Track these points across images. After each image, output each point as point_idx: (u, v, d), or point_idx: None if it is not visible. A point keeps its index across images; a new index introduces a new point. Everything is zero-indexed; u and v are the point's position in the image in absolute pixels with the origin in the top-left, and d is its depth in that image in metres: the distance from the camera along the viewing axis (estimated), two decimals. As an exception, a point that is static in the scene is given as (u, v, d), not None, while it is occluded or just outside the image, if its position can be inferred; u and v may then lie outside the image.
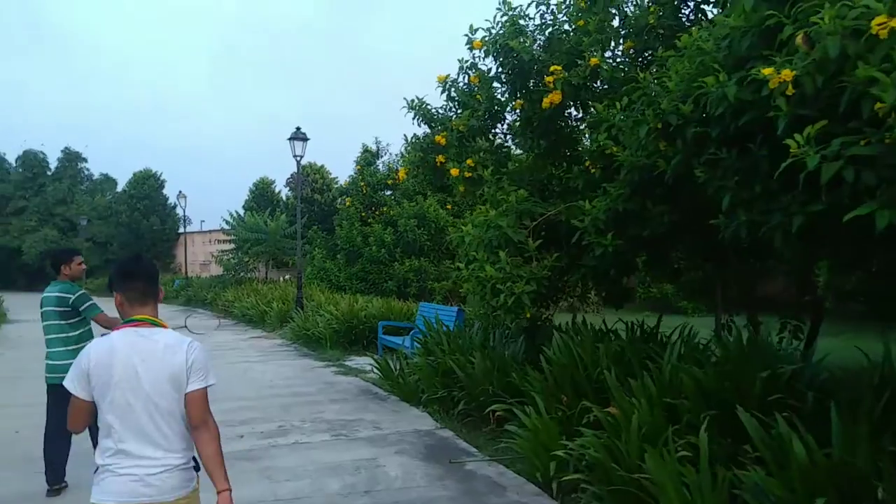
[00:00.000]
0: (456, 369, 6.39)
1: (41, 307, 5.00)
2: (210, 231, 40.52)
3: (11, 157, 48.21)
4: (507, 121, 7.42)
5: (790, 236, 4.02)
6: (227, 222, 27.26)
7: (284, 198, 34.35)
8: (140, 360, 2.32)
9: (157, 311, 2.53)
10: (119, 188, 48.73)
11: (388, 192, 24.88)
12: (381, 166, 25.92)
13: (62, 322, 4.92)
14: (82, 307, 4.94)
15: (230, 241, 27.45)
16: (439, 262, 22.62)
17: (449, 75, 7.42)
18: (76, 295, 4.97)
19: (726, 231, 4.43)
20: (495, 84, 7.07)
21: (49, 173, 48.31)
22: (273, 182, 35.79)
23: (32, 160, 47.50)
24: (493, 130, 7.44)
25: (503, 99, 7.10)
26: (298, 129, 15.81)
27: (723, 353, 4.23)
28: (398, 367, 8.12)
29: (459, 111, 7.46)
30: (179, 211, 45.15)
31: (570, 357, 4.99)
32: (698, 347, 4.76)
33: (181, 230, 43.58)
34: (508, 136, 7.77)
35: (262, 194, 35.11)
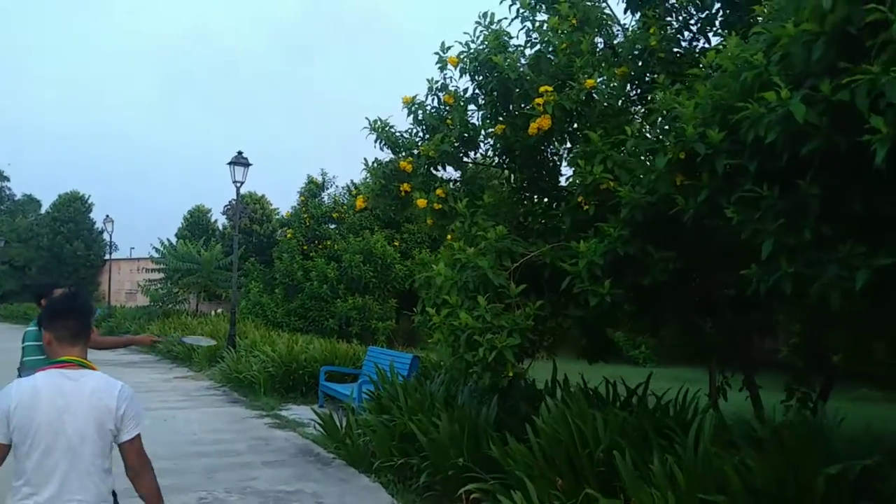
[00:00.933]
0: (417, 433, 5.40)
1: (23, 342, 4.90)
2: (139, 259, 38.25)
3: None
4: (481, 149, 6.61)
5: (852, 294, 3.31)
6: (158, 250, 25.58)
7: (221, 227, 32.77)
8: (64, 403, 2.24)
9: (86, 352, 2.46)
10: (43, 210, 45.99)
11: (333, 226, 23.80)
12: (326, 198, 24.87)
13: (44, 357, 4.31)
14: None
15: (159, 270, 25.74)
16: (385, 301, 21.60)
17: (416, 96, 6.57)
18: None
19: (761, 284, 3.70)
20: (471, 106, 6.28)
21: (-37, 191, 45.23)
22: (209, 210, 34.11)
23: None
24: (465, 158, 6.60)
25: (479, 123, 6.30)
26: (240, 153, 14.71)
27: (771, 435, 3.41)
28: (344, 424, 7.04)
29: (427, 136, 6.63)
30: (106, 236, 42.96)
31: (566, 429, 4.10)
32: (727, 425, 3.93)
33: (107, 256, 41.23)
34: (481, 166, 6.97)
35: (196, 223, 33.37)
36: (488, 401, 5.44)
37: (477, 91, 6.09)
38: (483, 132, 6.26)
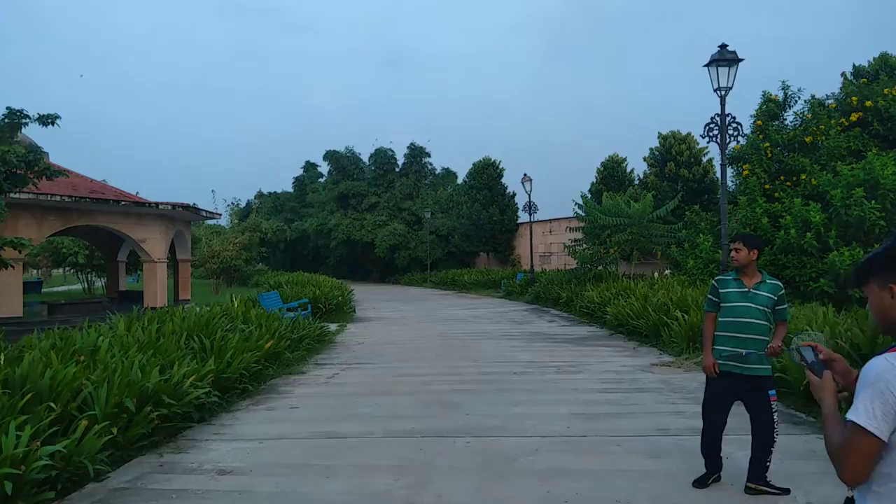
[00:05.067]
0: None
1: None
2: (550, 220, 36.99)
3: (366, 157, 51.14)
4: None
5: None
6: (580, 205, 22.87)
7: (640, 176, 29.01)
8: None
9: None
10: (458, 181, 48.53)
11: (805, 155, 17.84)
12: (790, 119, 18.95)
13: None
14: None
15: (580, 230, 23.10)
16: (903, 252, 15.04)
17: None
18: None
19: None
20: None
21: (397, 170, 50.05)
22: (624, 160, 30.72)
23: (383, 158, 49.60)
24: None
25: None
26: (724, 46, 10.21)
27: None
28: None
29: None
30: (520, 198, 43.13)
31: None
32: None
33: (520, 220, 41.09)
34: None
35: (611, 174, 30.28)
36: None
37: None
38: None
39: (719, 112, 10.55)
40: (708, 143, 10.76)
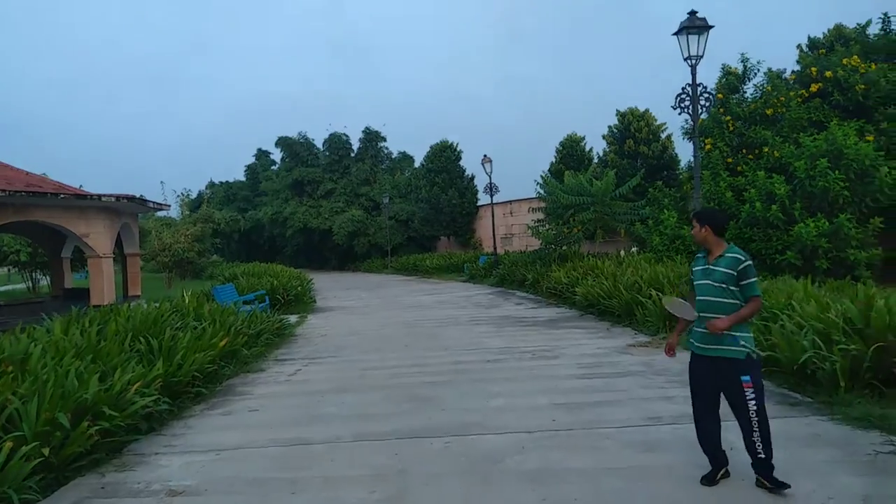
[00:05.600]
0: None
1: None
2: (508, 202, 36.61)
3: (320, 143, 49.93)
4: None
5: None
6: (541, 185, 22.51)
7: (599, 155, 28.80)
8: None
9: None
10: (416, 165, 47.80)
11: (765, 128, 17.73)
12: (750, 92, 18.84)
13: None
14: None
15: (541, 210, 22.77)
16: (865, 222, 15.07)
17: None
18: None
19: None
20: None
21: (352, 155, 49.02)
22: (583, 138, 30.47)
23: (337, 143, 48.49)
24: None
25: None
26: (694, 13, 9.77)
27: None
28: None
29: None
30: (479, 181, 42.58)
31: None
32: None
33: (479, 202, 40.65)
34: None
35: (570, 154, 30.00)
36: None
37: None
38: None
39: (690, 82, 10.16)
40: (680, 113, 10.38)
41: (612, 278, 13.49)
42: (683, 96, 10.19)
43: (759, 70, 19.01)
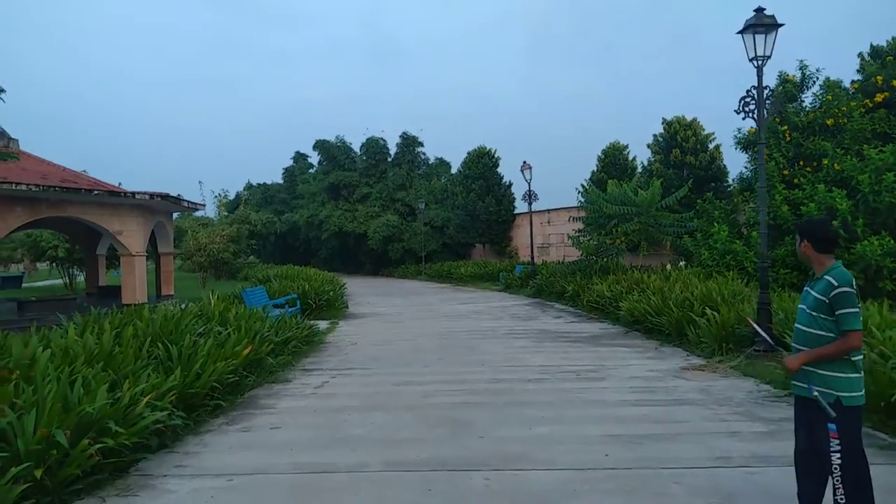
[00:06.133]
0: None
1: None
2: (546, 210, 35.74)
3: (357, 147, 49.71)
4: None
5: None
6: (582, 194, 21.74)
7: (643, 164, 27.83)
8: None
9: None
10: (452, 171, 47.25)
11: (826, 139, 16.70)
12: (808, 101, 17.81)
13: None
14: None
15: (580, 219, 21.98)
16: (935, 241, 13.96)
17: None
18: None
19: None
20: None
21: (389, 160, 48.68)
22: (626, 147, 29.52)
23: (374, 147, 48.17)
24: None
25: None
26: (761, 10, 8.98)
27: None
28: None
29: None
30: (517, 188, 41.77)
31: None
32: None
33: (516, 210, 39.87)
34: None
35: (612, 163, 29.05)
36: None
37: None
38: None
39: (756, 84, 9.34)
40: (744, 118, 9.56)
41: (661, 294, 12.67)
42: (748, 99, 9.37)
43: (817, 78, 17.98)
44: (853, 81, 18.42)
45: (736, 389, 7.61)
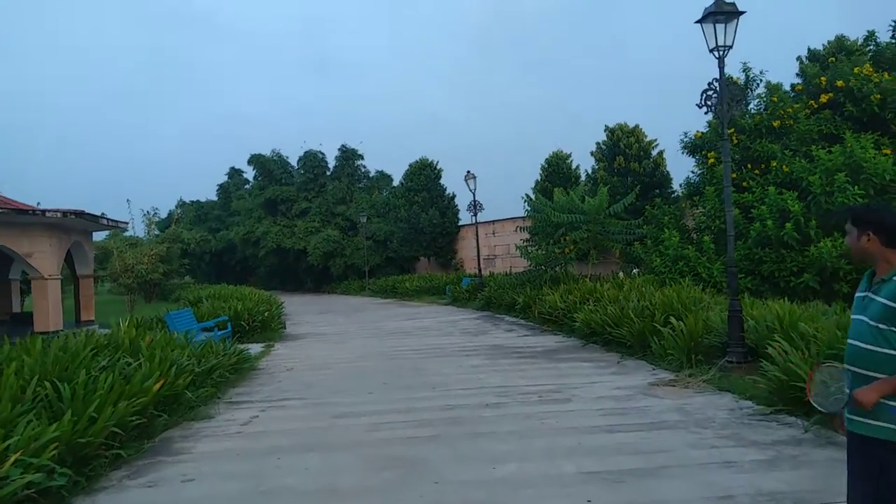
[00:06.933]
0: None
1: None
2: (492, 221, 35.18)
3: (294, 161, 48.27)
4: None
5: None
6: (528, 202, 21.13)
7: (587, 172, 27.54)
8: None
9: None
10: (394, 184, 46.30)
11: (772, 141, 16.51)
12: (753, 104, 17.66)
13: None
14: None
15: (527, 229, 21.40)
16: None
17: None
18: None
19: None
20: None
21: (328, 173, 47.39)
22: (569, 156, 29.23)
23: (313, 161, 46.82)
24: None
25: None
26: (721, -3, 8.42)
27: None
28: None
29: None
30: (461, 199, 41.01)
31: None
32: None
33: (461, 222, 39.20)
34: None
35: (556, 171, 28.70)
36: None
37: None
38: None
39: (717, 77, 8.77)
40: (706, 112, 8.98)
41: (618, 303, 12.00)
42: (710, 92, 8.79)
43: (761, 81, 17.87)
44: (793, 84, 18.41)
45: (715, 407, 6.89)
